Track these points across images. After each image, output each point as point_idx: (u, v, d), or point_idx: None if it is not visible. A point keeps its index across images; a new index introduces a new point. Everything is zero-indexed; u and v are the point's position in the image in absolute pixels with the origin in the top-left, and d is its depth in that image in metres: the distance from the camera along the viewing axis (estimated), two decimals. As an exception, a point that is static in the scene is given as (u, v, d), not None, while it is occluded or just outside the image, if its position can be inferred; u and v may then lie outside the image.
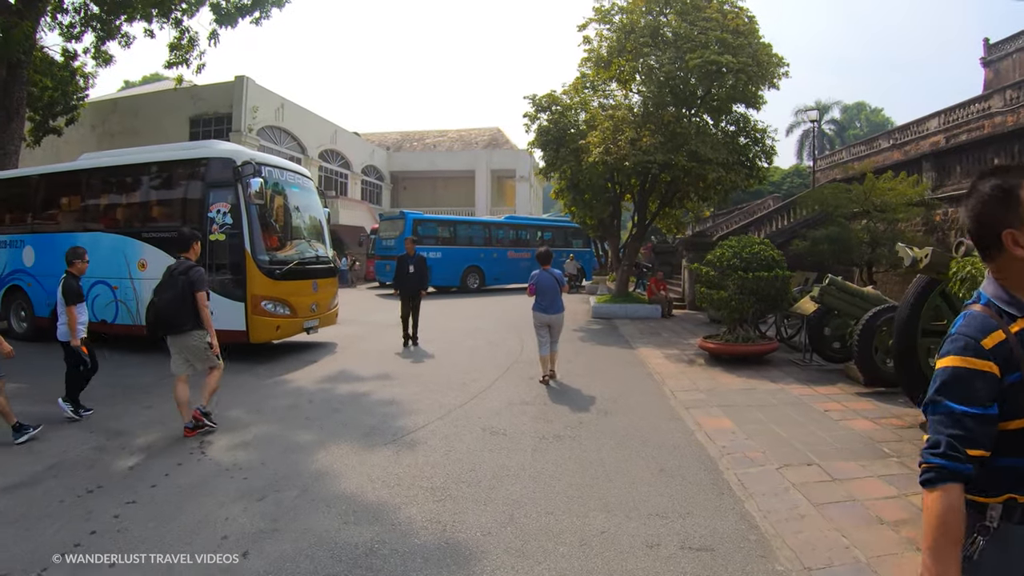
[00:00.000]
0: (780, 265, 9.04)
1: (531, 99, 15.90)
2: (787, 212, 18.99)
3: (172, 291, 5.57)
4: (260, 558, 3.43)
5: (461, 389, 7.51)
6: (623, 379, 8.19)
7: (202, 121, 30.29)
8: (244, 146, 27.76)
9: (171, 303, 5.55)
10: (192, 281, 5.59)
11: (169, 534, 3.71)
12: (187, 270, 5.67)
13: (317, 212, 11.45)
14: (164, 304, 5.60)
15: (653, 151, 12.15)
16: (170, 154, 10.50)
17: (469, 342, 11.15)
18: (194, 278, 5.62)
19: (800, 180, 46.33)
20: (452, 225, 25.76)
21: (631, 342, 11.39)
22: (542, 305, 7.78)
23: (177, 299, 5.53)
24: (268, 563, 3.38)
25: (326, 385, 7.83)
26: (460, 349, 10.40)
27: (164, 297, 5.61)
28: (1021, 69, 29.25)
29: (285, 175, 10.67)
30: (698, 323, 14.37)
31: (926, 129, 25.53)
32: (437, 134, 51.73)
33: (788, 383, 8.01)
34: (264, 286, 9.26)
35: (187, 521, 3.89)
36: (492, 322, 14.01)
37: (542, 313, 7.79)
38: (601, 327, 13.64)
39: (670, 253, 24.82)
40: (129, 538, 3.66)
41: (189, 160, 10.10)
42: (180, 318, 5.56)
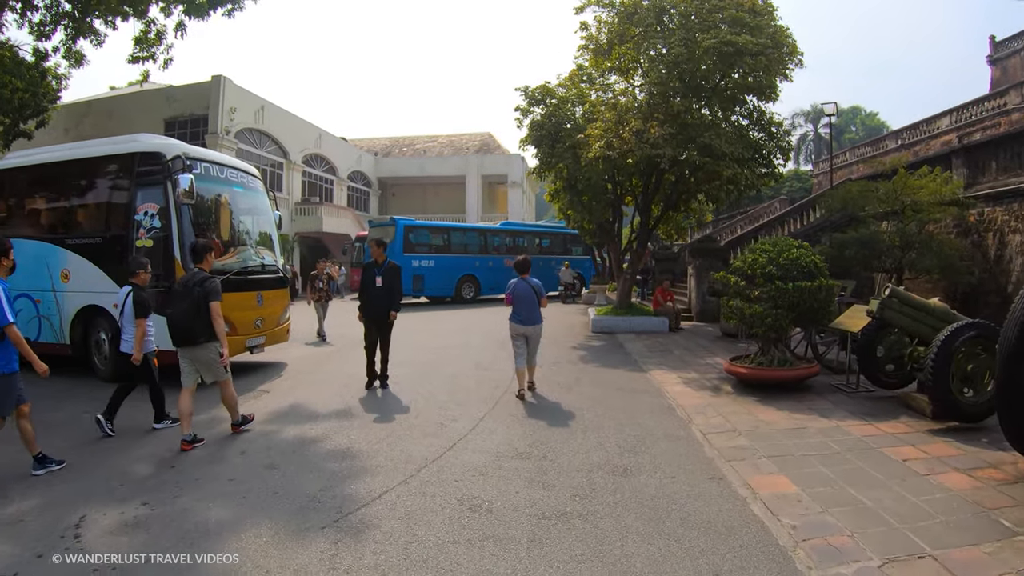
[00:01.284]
0: (823, 273, 7.56)
1: (523, 91, 14.41)
2: (801, 215, 17.58)
3: (187, 302, 5.55)
4: None
5: (437, 433, 5.95)
6: (639, 415, 6.64)
7: (177, 123, 28.71)
8: (221, 150, 26.93)
9: (185, 314, 5.53)
10: (207, 292, 5.58)
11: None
12: (202, 281, 5.63)
13: (265, 216, 10.17)
14: (179, 315, 5.57)
15: (662, 144, 10.66)
16: (95, 150, 9.06)
17: (453, 365, 9.58)
18: (209, 289, 5.60)
19: (800, 184, 45.09)
20: (446, 232, 24.33)
21: (640, 363, 9.87)
22: (519, 316, 7.44)
23: (192, 310, 5.52)
24: None
25: (269, 427, 6.25)
26: (441, 375, 8.83)
27: (179, 308, 5.59)
28: (1032, 66, 28.13)
29: (227, 172, 9.37)
30: (711, 338, 12.88)
31: (936, 128, 24.36)
32: (427, 139, 50.23)
33: (842, 418, 6.51)
34: (195, 299, 7.88)
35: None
36: (483, 338, 12.45)
37: (519, 324, 7.44)
38: (603, 343, 12.11)
39: (671, 260, 23.29)
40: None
41: (115, 156, 8.68)
42: (195, 330, 5.55)
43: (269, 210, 10.41)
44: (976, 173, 13.08)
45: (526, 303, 7.42)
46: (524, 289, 7.48)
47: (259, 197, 10.20)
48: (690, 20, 11.30)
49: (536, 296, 7.45)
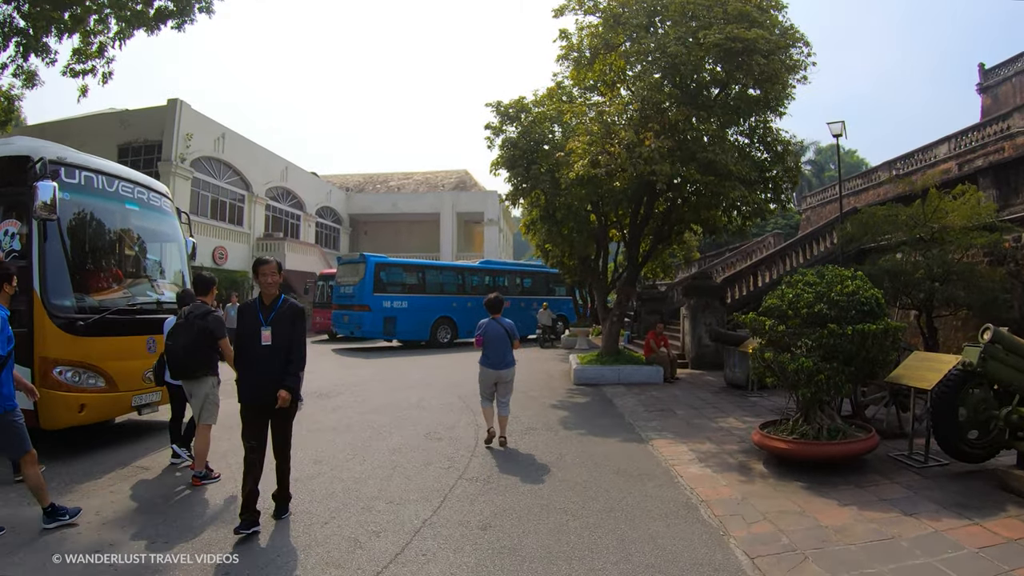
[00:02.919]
0: (884, 310, 5.68)
1: (495, 107, 12.64)
2: (804, 247, 15.97)
3: (187, 336, 5.38)
4: None
5: (342, 561, 3.85)
6: (649, 522, 4.57)
7: (131, 149, 26.70)
8: (175, 179, 24.85)
9: (185, 349, 5.37)
10: (210, 329, 5.44)
11: None
12: (204, 315, 5.48)
13: (173, 242, 8.34)
14: (178, 349, 5.40)
15: (658, 159, 8.86)
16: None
17: (400, 433, 7.46)
18: (212, 325, 5.46)
19: (785, 221, 44.05)
20: (421, 270, 22.35)
21: (638, 428, 7.83)
22: (490, 359, 6.85)
23: (191, 345, 5.36)
24: None
25: (121, 537, 4.09)
26: (380, 449, 6.69)
27: (179, 342, 5.41)
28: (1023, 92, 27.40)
29: (120, 186, 7.51)
30: (714, 389, 10.92)
31: (933, 156, 23.23)
32: (402, 176, 48.59)
33: (933, 514, 4.59)
34: (59, 344, 6.19)
35: None
36: (445, 393, 10.36)
37: (489, 368, 6.84)
38: (589, 399, 10.06)
39: (658, 300, 21.48)
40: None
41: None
42: (193, 364, 5.40)
43: (179, 235, 8.52)
44: (1008, 194, 11.55)
45: (497, 345, 6.83)
46: (496, 330, 6.86)
47: (163, 219, 8.31)
48: (687, 18, 9.67)
49: (508, 338, 6.86)
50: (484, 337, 6.85)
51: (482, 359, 6.91)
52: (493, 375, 6.82)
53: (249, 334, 4.42)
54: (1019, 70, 28.34)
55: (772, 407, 9.11)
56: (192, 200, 26.22)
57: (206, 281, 5.95)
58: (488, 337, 6.83)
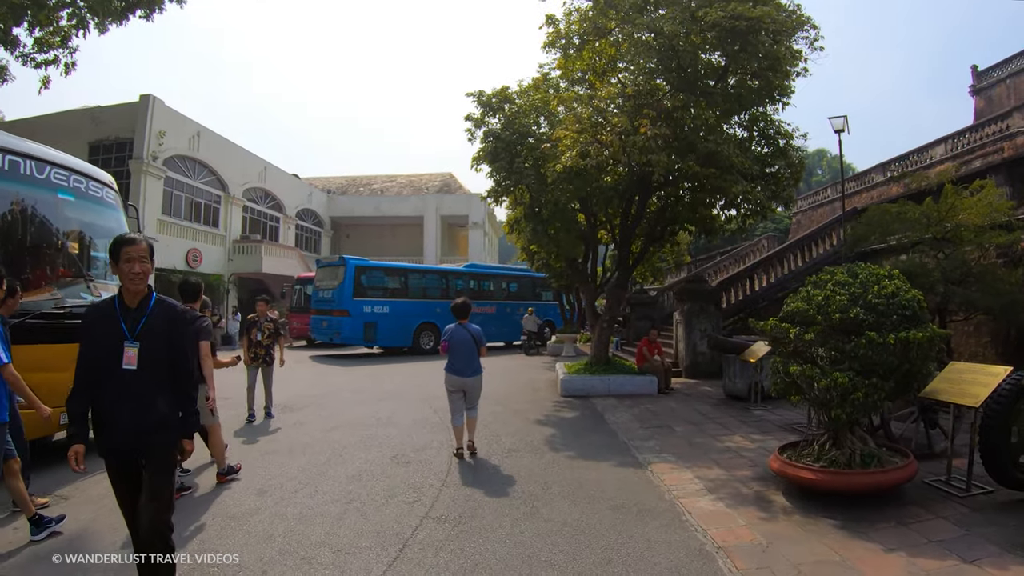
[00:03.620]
0: (927, 315, 4.85)
1: (476, 97, 11.74)
2: (804, 248, 15.24)
3: None
4: None
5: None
6: (654, 571, 3.71)
7: (103, 147, 25.56)
8: (146, 178, 23.74)
9: None
10: (197, 331, 5.06)
11: None
12: (193, 320, 4.92)
13: None
14: None
15: (655, 149, 8.02)
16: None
17: (363, 455, 6.52)
18: (199, 328, 5.16)
19: (774, 225, 43.59)
20: (403, 274, 21.37)
21: (633, 449, 6.93)
22: (455, 366, 6.58)
23: None
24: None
25: None
26: (337, 476, 5.75)
27: None
28: (1018, 94, 26.98)
29: (53, 173, 6.76)
30: (713, 401, 10.08)
31: (930, 158, 22.65)
32: (385, 179, 47.50)
33: (998, 560, 3.79)
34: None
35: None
36: (419, 406, 9.44)
37: (455, 375, 6.56)
38: (577, 414, 9.16)
39: (648, 305, 20.68)
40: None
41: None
42: None
43: (124, 230, 7.49)
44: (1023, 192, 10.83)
45: (463, 352, 6.58)
46: (462, 336, 6.60)
47: (105, 211, 7.45)
48: (684, 0, 8.86)
49: (475, 344, 6.60)
50: (450, 343, 6.57)
51: (447, 366, 6.61)
52: (459, 383, 6.52)
53: (104, 353, 2.90)
54: (1013, 71, 27.93)
55: (780, 422, 8.28)
56: (165, 200, 25.12)
57: (193, 287, 5.71)
58: (454, 343, 6.55)
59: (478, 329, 6.68)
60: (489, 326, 24.42)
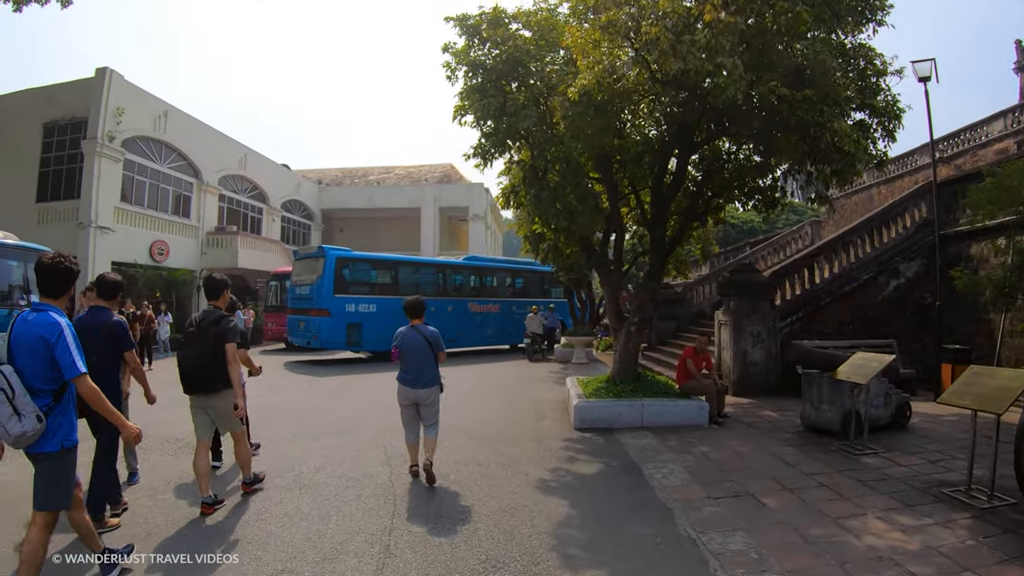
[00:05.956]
0: None
1: (458, 21, 8.71)
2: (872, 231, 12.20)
3: (200, 344, 4.67)
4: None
5: None
6: None
7: (57, 128, 22.75)
8: (101, 160, 20.88)
9: (199, 358, 4.64)
10: (223, 332, 4.68)
11: None
12: (217, 320, 4.75)
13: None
14: (191, 358, 4.68)
15: (725, 50, 5.02)
16: None
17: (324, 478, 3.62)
18: (225, 328, 4.72)
19: (796, 216, 40.45)
20: (392, 267, 18.47)
21: (710, 554, 3.95)
22: (407, 376, 5.53)
23: (206, 353, 4.65)
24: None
25: None
26: (302, 514, 2.99)
27: (191, 351, 4.71)
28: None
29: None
30: (789, 437, 7.11)
31: (986, 135, 19.66)
32: (382, 170, 44.55)
33: None
34: None
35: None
36: (366, 450, 6.68)
37: (407, 387, 5.52)
38: (601, 465, 6.13)
39: (673, 303, 17.65)
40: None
41: None
42: (210, 375, 4.65)
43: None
44: None
45: (415, 359, 5.51)
46: (414, 340, 5.54)
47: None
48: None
49: (430, 349, 5.52)
50: (400, 349, 5.60)
51: (399, 375, 5.64)
52: (411, 395, 5.54)
53: None
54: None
55: (912, 478, 5.32)
56: (125, 186, 22.28)
57: (216, 284, 5.08)
58: (404, 349, 5.56)
59: (434, 331, 5.65)
60: (490, 326, 21.51)
